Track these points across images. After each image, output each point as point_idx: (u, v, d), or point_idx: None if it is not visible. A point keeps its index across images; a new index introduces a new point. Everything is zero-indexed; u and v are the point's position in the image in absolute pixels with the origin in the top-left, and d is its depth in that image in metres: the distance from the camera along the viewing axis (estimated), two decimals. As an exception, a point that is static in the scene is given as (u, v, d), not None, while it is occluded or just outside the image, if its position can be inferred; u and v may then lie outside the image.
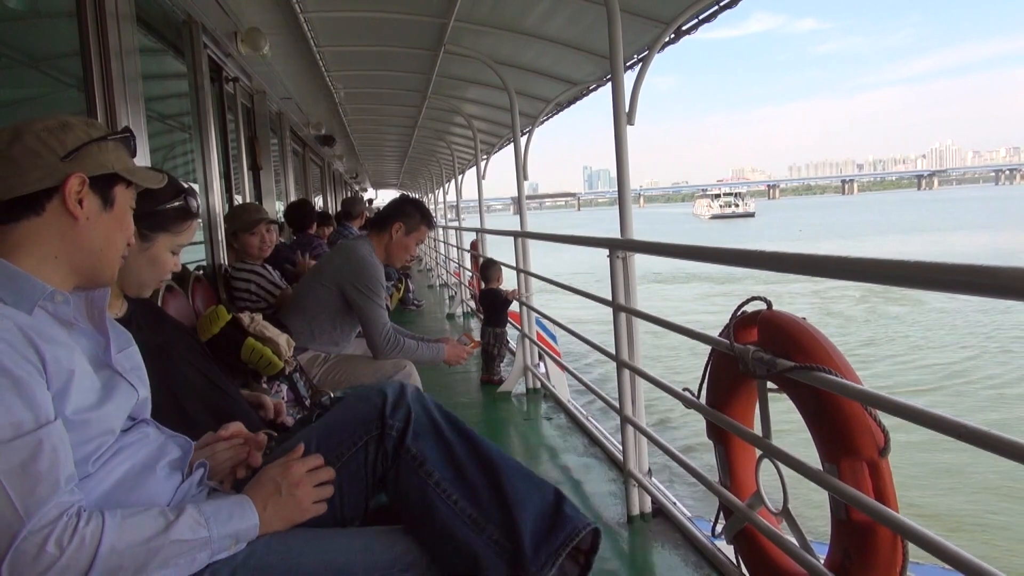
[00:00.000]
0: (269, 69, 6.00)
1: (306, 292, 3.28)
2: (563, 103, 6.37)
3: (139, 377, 1.34)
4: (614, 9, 3.06)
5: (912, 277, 1.30)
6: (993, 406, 9.81)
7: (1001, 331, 14.20)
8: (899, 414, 1.36)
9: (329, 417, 1.56)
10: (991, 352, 12.78)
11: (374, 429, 1.47)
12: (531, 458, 3.92)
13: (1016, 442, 1.11)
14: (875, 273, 1.51)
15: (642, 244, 2.89)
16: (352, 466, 1.46)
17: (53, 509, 1.03)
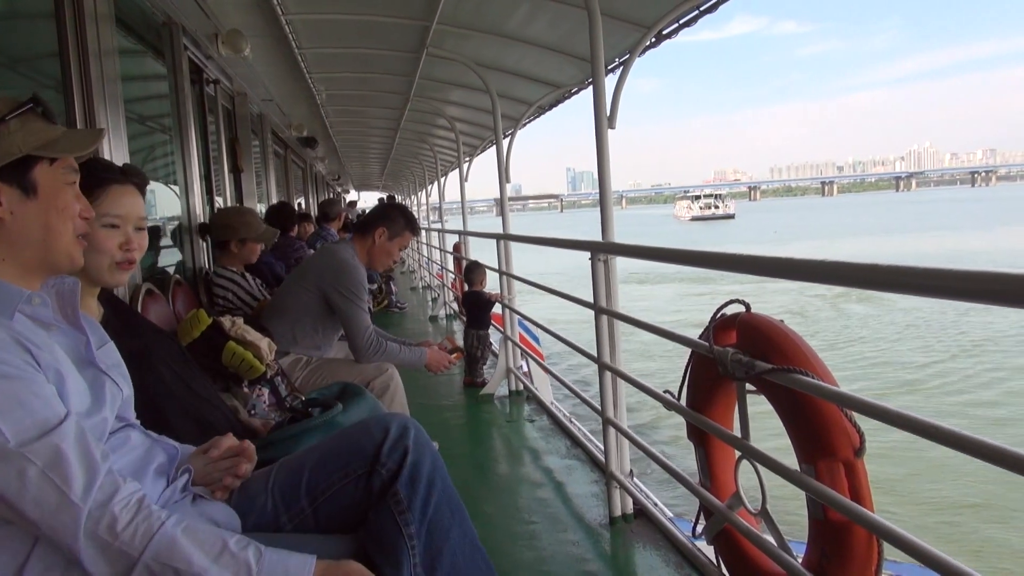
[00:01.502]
0: (250, 71, 5.97)
1: (288, 296, 3.28)
2: (545, 106, 6.38)
3: (121, 374, 1.33)
4: (595, 13, 3.08)
5: (875, 280, 1.36)
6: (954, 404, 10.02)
7: (961, 331, 14.50)
8: (874, 415, 1.38)
9: (329, 442, 1.54)
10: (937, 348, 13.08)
11: (367, 464, 1.45)
12: (514, 460, 3.93)
13: (986, 442, 1.13)
14: (839, 275, 1.55)
15: (623, 247, 2.91)
16: (339, 498, 1.45)
17: (102, 493, 1.05)
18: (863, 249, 33.61)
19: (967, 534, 6.38)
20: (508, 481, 3.62)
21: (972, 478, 6.93)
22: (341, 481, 1.45)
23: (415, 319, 9.61)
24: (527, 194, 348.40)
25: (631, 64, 3.97)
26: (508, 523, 3.02)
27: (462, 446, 4.15)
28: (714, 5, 3.49)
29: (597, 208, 3.29)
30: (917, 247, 32.96)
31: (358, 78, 7.07)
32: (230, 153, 6.14)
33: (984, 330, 14.49)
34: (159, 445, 1.38)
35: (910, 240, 37.65)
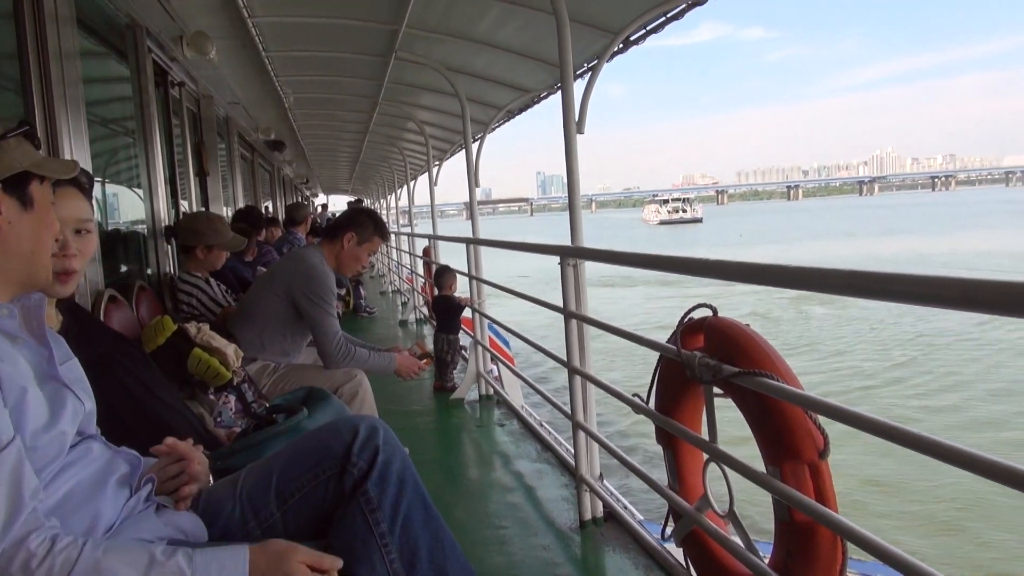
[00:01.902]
0: (216, 73, 5.90)
1: (256, 301, 3.24)
2: (514, 110, 6.39)
3: (83, 389, 1.31)
4: (563, 19, 3.09)
5: (830, 284, 1.43)
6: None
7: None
8: (837, 418, 1.41)
9: (297, 444, 1.53)
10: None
11: (337, 465, 1.44)
12: (484, 465, 3.93)
13: (946, 444, 1.16)
14: (796, 280, 1.60)
15: (592, 252, 2.93)
16: (308, 500, 1.44)
17: (21, 530, 1.02)
18: (824, 252, 34.32)
19: (928, 533, 6.52)
20: (478, 486, 3.62)
21: (932, 478, 7.07)
22: (311, 483, 1.44)
23: (385, 324, 9.56)
24: (497, 198, 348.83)
25: (599, 69, 4.00)
26: (479, 528, 3.01)
27: (432, 451, 4.14)
28: (681, 12, 3.53)
29: (567, 212, 3.30)
30: (876, 250, 33.95)
31: (326, 81, 7.03)
32: (195, 156, 6.06)
33: (936, 330, 14.84)
34: (120, 456, 1.35)
35: (869, 244, 38.74)
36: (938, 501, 6.92)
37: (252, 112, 8.29)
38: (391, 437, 1.49)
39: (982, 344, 13.74)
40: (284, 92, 6.86)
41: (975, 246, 32.70)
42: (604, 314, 17.34)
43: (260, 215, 6.06)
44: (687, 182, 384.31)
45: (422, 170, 11.56)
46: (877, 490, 7.24)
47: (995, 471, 1.06)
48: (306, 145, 12.22)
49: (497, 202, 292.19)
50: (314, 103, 8.20)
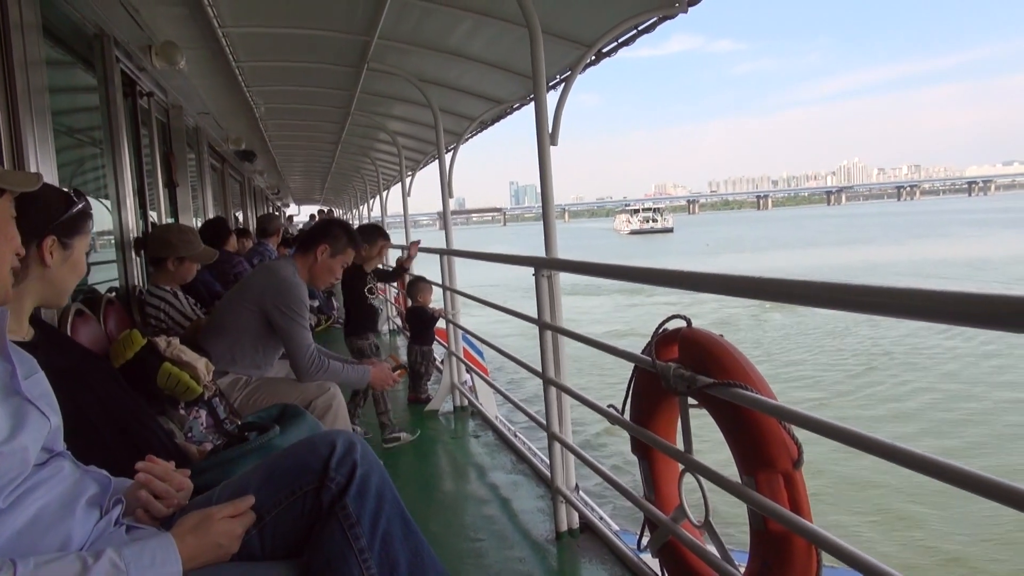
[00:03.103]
0: (185, 83, 5.84)
1: (227, 314, 3.19)
2: (487, 121, 6.41)
3: (49, 404, 1.28)
4: (536, 31, 3.11)
5: (789, 293, 1.48)
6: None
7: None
8: (810, 428, 1.42)
9: (273, 461, 1.51)
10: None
11: (314, 480, 1.42)
12: (459, 477, 3.91)
13: (916, 453, 1.18)
14: (754, 289, 1.66)
15: (566, 263, 2.94)
16: (286, 515, 1.42)
17: None
18: (787, 261, 35.30)
19: (900, 540, 6.62)
20: (454, 498, 3.60)
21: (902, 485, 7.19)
22: (288, 499, 1.42)
23: (358, 335, 9.48)
24: (471, 208, 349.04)
25: (572, 81, 4.02)
26: (454, 541, 2.99)
27: (407, 464, 4.11)
28: (652, 25, 3.57)
29: (540, 222, 3.31)
30: (834, 259, 34.81)
31: (297, 92, 6.99)
32: (164, 167, 5.98)
33: (892, 339, 15.15)
34: (90, 476, 1.32)
35: (829, 253, 39.84)
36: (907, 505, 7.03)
37: (222, 122, 8.20)
38: (368, 451, 1.48)
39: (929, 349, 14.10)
40: (255, 102, 6.81)
41: (927, 255, 33.91)
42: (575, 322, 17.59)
43: (225, 226, 5.99)
44: (660, 192, 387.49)
45: (395, 180, 11.53)
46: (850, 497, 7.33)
47: (962, 479, 1.08)
48: (277, 155, 12.13)
49: (470, 212, 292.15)
50: (285, 113, 8.15)
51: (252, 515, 1.36)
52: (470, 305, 5.15)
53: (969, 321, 1.07)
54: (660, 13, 3.41)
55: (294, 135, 10.17)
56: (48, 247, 1.52)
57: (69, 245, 1.61)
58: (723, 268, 28.86)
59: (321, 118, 8.29)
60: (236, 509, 1.33)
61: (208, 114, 7.43)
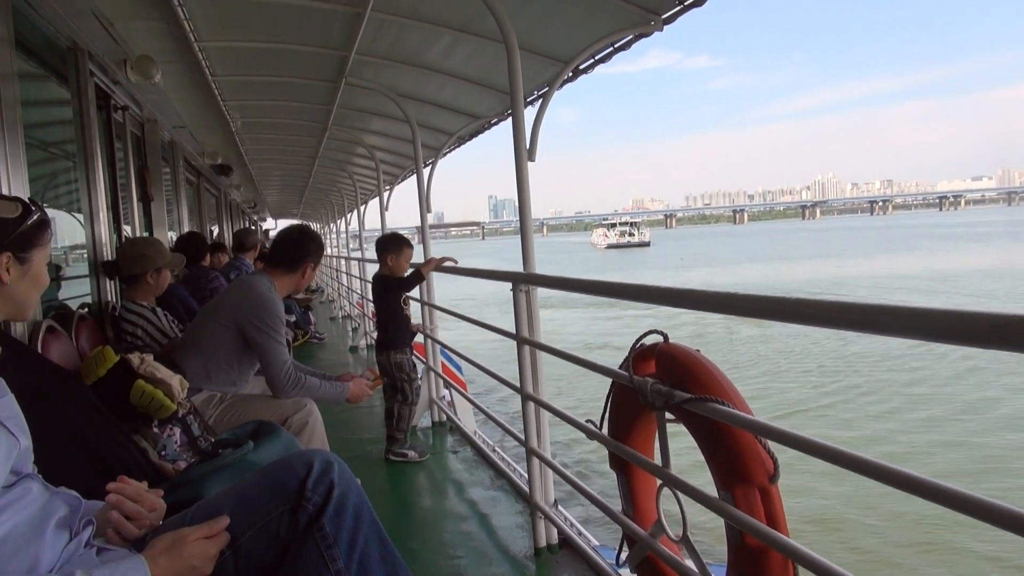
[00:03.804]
0: (161, 97, 5.79)
1: (201, 330, 3.16)
2: (465, 136, 6.43)
3: (18, 426, 1.26)
4: (513, 48, 3.13)
5: (754, 309, 1.53)
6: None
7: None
8: (786, 443, 1.44)
9: (248, 480, 1.49)
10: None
11: (291, 501, 1.41)
12: (437, 493, 3.88)
13: (890, 467, 1.19)
14: (722, 305, 1.70)
15: (544, 278, 2.95)
16: (262, 536, 1.40)
17: None
18: (757, 276, 35.79)
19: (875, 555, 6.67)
20: (432, 515, 3.57)
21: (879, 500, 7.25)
22: (263, 519, 1.40)
23: (335, 350, 9.43)
24: (449, 222, 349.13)
25: (550, 97, 4.05)
26: (433, 559, 2.97)
27: (384, 480, 4.07)
28: (628, 43, 3.61)
29: (518, 236, 3.32)
30: (804, 273, 35.37)
31: (275, 106, 6.97)
32: (139, 181, 5.92)
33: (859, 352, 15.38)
34: (59, 497, 1.30)
35: (800, 267, 40.46)
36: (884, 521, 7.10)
37: (198, 136, 8.15)
38: (346, 471, 1.47)
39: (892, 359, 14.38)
40: (231, 116, 6.77)
41: (895, 268, 34.63)
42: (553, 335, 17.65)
43: (202, 241, 5.94)
44: (637, 206, 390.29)
45: (373, 195, 11.51)
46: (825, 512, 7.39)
47: (936, 493, 1.09)
48: (254, 169, 12.06)
49: (449, 226, 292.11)
50: (262, 127, 8.11)
51: (226, 536, 1.34)
52: (445, 319, 5.14)
53: (918, 334, 1.13)
54: (636, 31, 3.45)
55: (271, 149, 10.12)
56: (4, 264, 1.47)
57: (26, 259, 1.53)
58: (694, 282, 29.12)
59: (298, 132, 8.26)
60: (210, 530, 1.31)
61: (184, 128, 7.38)
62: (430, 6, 4.04)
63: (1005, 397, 11.42)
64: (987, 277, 28.22)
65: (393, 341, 4.42)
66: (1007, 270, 30.77)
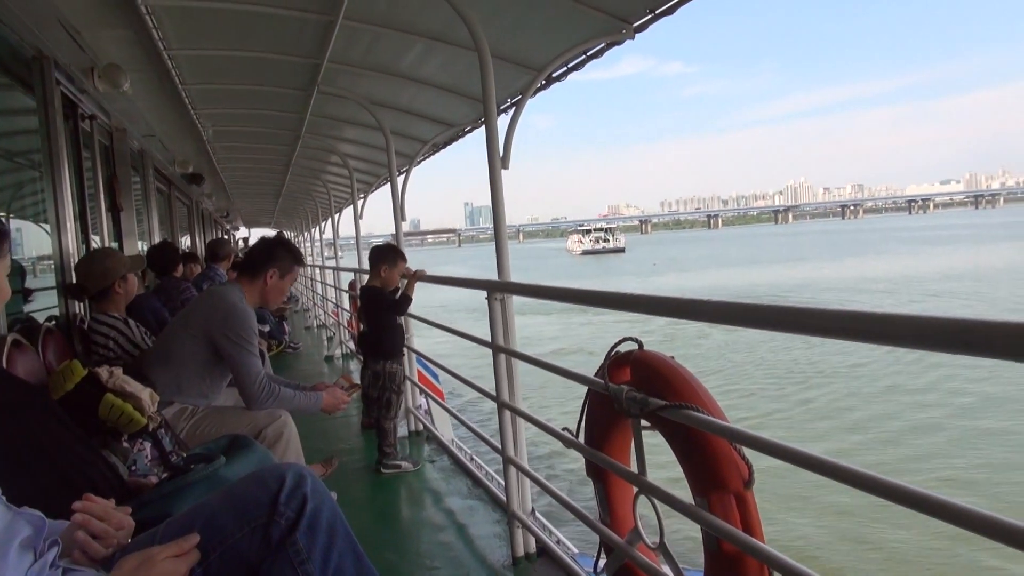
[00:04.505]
0: (130, 106, 5.72)
1: (171, 342, 3.11)
2: (440, 144, 6.42)
3: None
4: (486, 56, 3.13)
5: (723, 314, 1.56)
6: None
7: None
8: (761, 449, 1.44)
9: (219, 495, 1.47)
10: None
11: (263, 516, 1.38)
12: (414, 503, 3.86)
13: (863, 473, 1.20)
14: (687, 311, 1.78)
15: (519, 286, 2.95)
16: (233, 553, 1.37)
17: None
18: (725, 280, 36.39)
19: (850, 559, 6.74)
20: (409, 526, 3.55)
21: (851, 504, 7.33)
22: (235, 535, 1.38)
23: (310, 359, 9.35)
24: (425, 229, 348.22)
25: (523, 105, 4.06)
26: (410, 570, 2.95)
27: (361, 491, 4.04)
28: (600, 51, 3.63)
29: (494, 243, 3.32)
30: (771, 277, 35.84)
31: (247, 114, 6.91)
32: (108, 191, 5.84)
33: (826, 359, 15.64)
34: (22, 517, 1.27)
35: (768, 271, 40.96)
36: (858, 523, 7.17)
37: (169, 145, 8.06)
38: (319, 485, 1.45)
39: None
40: (203, 125, 6.70)
41: (861, 272, 35.28)
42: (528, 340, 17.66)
43: (174, 251, 5.86)
44: (613, 212, 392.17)
45: (347, 203, 11.46)
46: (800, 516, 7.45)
47: (909, 498, 1.10)
48: (226, 178, 11.95)
49: (425, 233, 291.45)
50: (234, 136, 8.04)
51: (197, 554, 1.32)
52: (420, 326, 5.11)
53: (856, 337, 1.17)
54: (608, 39, 3.48)
55: (243, 158, 10.04)
56: None
57: None
58: (664, 287, 29.45)
59: (271, 141, 8.20)
60: (180, 548, 1.28)
61: (154, 137, 7.30)
62: (402, 14, 4.03)
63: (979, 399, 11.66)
64: (948, 279, 28.90)
65: (388, 350, 4.38)
66: (967, 272, 31.52)
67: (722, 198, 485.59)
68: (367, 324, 4.52)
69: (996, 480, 8.26)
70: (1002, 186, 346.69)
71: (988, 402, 11.26)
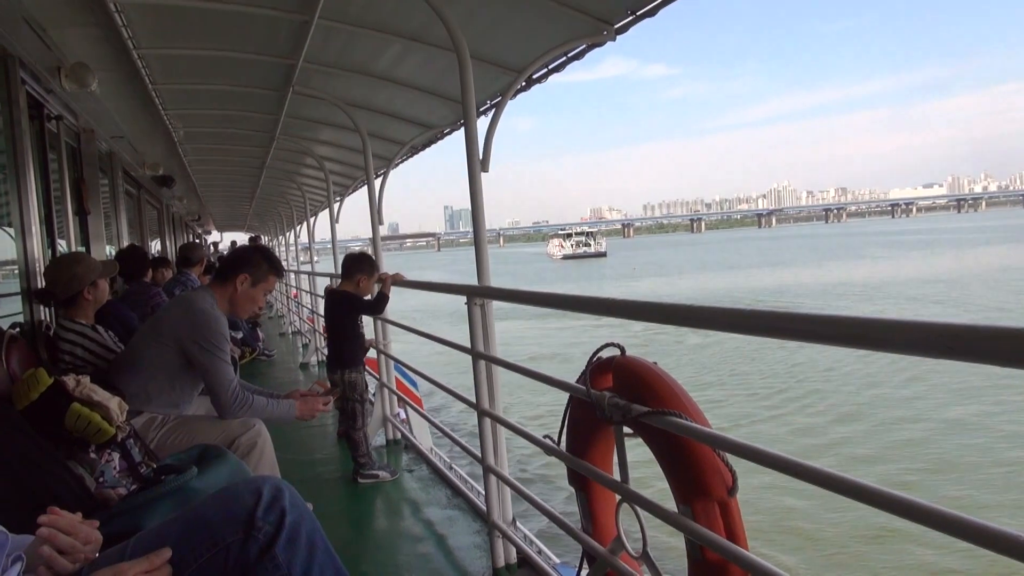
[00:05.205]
0: (98, 106, 5.66)
1: (141, 349, 3.07)
2: (418, 146, 6.41)
3: None
4: (465, 57, 3.13)
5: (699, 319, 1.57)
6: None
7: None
8: (744, 455, 1.45)
9: (193, 510, 1.44)
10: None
11: (240, 531, 1.37)
12: (393, 514, 3.84)
13: (846, 479, 1.21)
14: (665, 315, 1.77)
15: (499, 291, 2.94)
16: (208, 570, 1.35)
17: None
18: (702, 285, 37.29)
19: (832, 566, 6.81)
20: (387, 537, 3.53)
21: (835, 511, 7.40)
22: (210, 551, 1.36)
23: (284, 367, 9.28)
24: (404, 232, 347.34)
25: (503, 107, 4.06)
26: (388, 582, 2.93)
27: (338, 502, 4.01)
28: (581, 52, 3.64)
29: (474, 248, 3.32)
30: (749, 282, 36.80)
31: (219, 115, 6.86)
32: (75, 194, 5.77)
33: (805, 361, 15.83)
34: (-16, 533, 1.25)
35: (747, 275, 41.87)
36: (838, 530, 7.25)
37: (138, 147, 7.98)
38: (297, 498, 1.43)
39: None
40: (173, 126, 6.64)
41: (839, 276, 36.13)
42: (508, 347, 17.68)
43: (144, 256, 5.79)
44: (596, 215, 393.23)
45: (322, 206, 11.40)
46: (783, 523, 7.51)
47: (892, 504, 1.11)
48: (198, 181, 11.85)
49: (404, 237, 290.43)
50: (206, 137, 7.98)
51: (168, 570, 1.30)
52: (397, 332, 5.09)
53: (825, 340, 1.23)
54: (588, 41, 3.49)
55: (216, 160, 9.96)
56: None
57: None
58: (641, 292, 29.85)
59: (244, 142, 8.14)
60: (151, 564, 1.26)
61: (123, 138, 7.22)
62: (379, 14, 4.02)
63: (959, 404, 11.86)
64: (925, 284, 29.62)
65: (349, 359, 4.36)
66: (943, 276, 32.28)
67: (705, 201, 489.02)
68: (329, 330, 4.51)
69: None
70: (984, 190, 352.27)
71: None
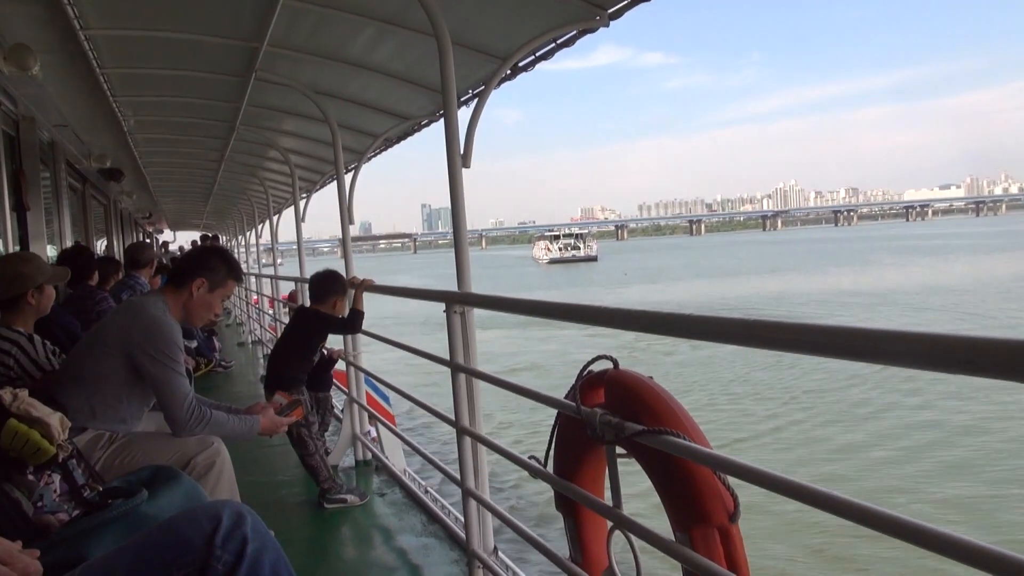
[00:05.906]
0: (40, 92, 5.62)
1: (84, 360, 3.04)
2: (393, 139, 6.41)
3: None
4: (445, 42, 3.14)
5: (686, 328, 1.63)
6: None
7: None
8: (749, 479, 1.45)
9: (145, 537, 1.43)
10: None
11: (196, 561, 1.36)
12: (362, 543, 3.82)
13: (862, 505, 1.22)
14: (650, 323, 1.81)
15: (481, 298, 2.95)
16: None
17: None
18: (695, 292, 37.76)
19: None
20: (357, 567, 3.52)
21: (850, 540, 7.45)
22: None
23: (244, 379, 9.22)
24: (377, 232, 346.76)
25: (487, 96, 4.07)
26: (356, 617, 2.92)
27: (302, 529, 3.99)
28: (572, 38, 3.66)
29: (453, 250, 3.32)
30: (745, 290, 37.24)
31: (174, 103, 6.82)
32: (12, 187, 5.72)
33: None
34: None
35: (743, 283, 42.38)
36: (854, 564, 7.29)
37: (84, 137, 7.92)
38: (259, 524, 1.43)
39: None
40: (123, 114, 6.60)
41: (841, 285, 36.77)
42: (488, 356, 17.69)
43: (91, 257, 5.74)
44: (587, 216, 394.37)
45: (287, 203, 11.36)
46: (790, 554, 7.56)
47: (911, 533, 1.12)
48: (149, 174, 11.77)
49: (377, 238, 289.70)
50: (159, 127, 7.93)
51: None
52: (367, 343, 5.08)
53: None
54: (580, 26, 3.51)
55: (170, 151, 9.90)
56: None
57: None
58: (630, 300, 30.32)
59: (202, 133, 8.10)
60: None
61: (67, 127, 7.17)
62: (352, -7, 4.03)
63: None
64: (933, 293, 30.20)
65: (289, 381, 4.25)
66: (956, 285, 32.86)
67: (706, 202, 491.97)
68: (285, 346, 4.46)
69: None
70: (1004, 192, 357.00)
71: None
